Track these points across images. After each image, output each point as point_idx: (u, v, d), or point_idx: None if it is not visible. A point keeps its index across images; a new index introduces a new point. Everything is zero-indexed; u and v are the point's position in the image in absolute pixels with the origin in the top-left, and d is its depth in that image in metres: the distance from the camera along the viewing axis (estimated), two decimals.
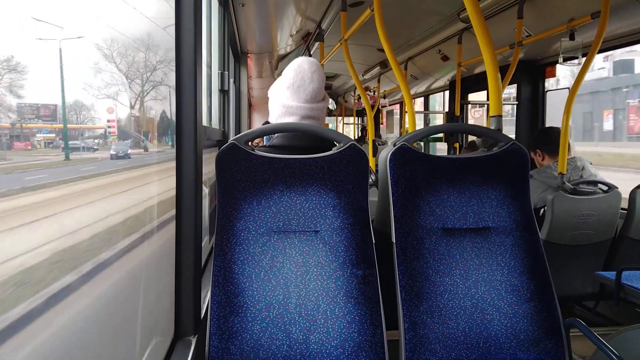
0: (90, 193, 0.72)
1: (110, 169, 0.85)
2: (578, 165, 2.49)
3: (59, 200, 0.64)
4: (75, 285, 0.65)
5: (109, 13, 0.80)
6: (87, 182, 0.72)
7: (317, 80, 1.51)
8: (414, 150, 1.31)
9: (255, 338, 1.15)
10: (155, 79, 1.04)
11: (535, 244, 1.30)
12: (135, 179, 0.95)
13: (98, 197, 0.75)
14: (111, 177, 0.83)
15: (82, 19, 0.68)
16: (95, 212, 0.74)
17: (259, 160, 1.23)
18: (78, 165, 0.71)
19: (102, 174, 0.79)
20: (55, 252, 0.60)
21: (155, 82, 1.05)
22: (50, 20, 0.56)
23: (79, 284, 0.66)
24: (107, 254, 0.77)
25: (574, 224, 2.30)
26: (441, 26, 3.73)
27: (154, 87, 1.05)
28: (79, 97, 0.70)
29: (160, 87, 1.08)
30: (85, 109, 0.72)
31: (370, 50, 5.02)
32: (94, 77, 0.73)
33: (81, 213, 0.68)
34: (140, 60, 0.95)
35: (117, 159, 0.85)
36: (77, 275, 0.65)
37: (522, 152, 1.33)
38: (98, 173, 0.77)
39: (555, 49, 3.24)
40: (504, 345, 1.23)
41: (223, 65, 2.90)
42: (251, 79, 5.90)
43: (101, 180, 0.78)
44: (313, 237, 1.23)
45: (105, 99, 0.77)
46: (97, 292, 0.73)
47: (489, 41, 1.43)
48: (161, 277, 1.08)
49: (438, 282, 1.24)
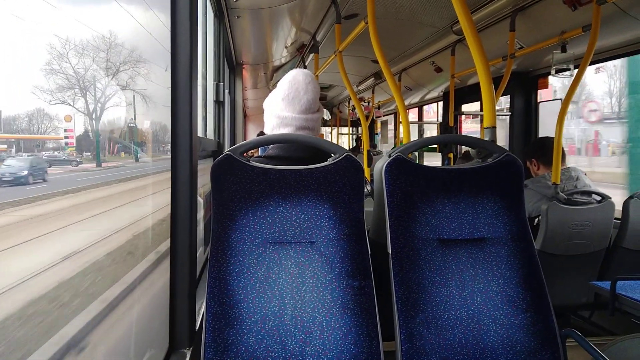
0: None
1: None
2: (572, 175, 2.51)
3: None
4: (69, 298, 0.64)
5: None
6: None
7: (312, 91, 1.52)
8: (409, 161, 1.31)
9: (250, 350, 1.14)
10: (120, 82, 0.91)
11: (531, 254, 1.31)
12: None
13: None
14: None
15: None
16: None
17: (254, 171, 1.23)
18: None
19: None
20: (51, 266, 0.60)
21: (120, 86, 0.92)
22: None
23: (73, 296, 0.65)
24: (104, 266, 0.76)
25: (568, 234, 2.31)
26: (434, 38, 3.77)
27: (119, 91, 0.91)
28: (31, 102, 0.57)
29: (126, 92, 0.95)
30: (45, 116, 0.60)
31: (364, 61, 5.05)
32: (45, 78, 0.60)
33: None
34: (101, 61, 0.82)
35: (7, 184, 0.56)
36: (72, 287, 0.65)
37: (516, 163, 1.34)
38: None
39: (547, 61, 3.28)
40: (501, 357, 1.22)
41: (218, 76, 2.91)
42: (246, 90, 5.92)
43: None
44: (309, 248, 1.22)
45: (59, 105, 0.65)
46: (91, 304, 0.72)
47: (482, 53, 1.45)
48: (156, 288, 1.08)
49: (434, 293, 1.24)
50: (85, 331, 0.70)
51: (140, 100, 1.04)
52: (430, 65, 4.39)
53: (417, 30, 3.75)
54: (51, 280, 0.61)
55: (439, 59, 4.19)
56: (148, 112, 1.09)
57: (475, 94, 4.23)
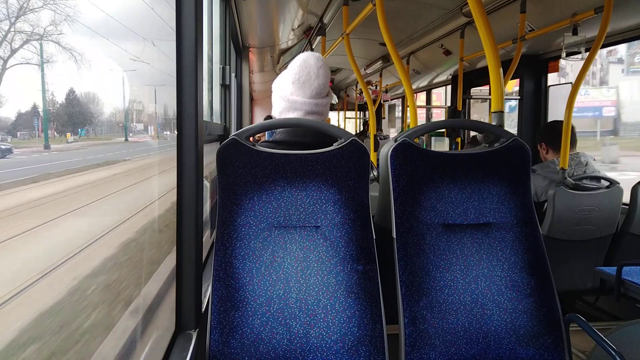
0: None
1: None
2: (582, 161, 2.48)
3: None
4: (78, 280, 0.65)
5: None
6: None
7: (323, 75, 1.50)
8: (415, 146, 1.31)
9: (255, 332, 1.15)
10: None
11: (536, 239, 1.30)
12: None
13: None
14: None
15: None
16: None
17: (260, 156, 1.23)
18: None
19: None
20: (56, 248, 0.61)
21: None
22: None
23: (82, 278, 0.66)
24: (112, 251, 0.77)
25: (575, 219, 2.30)
26: (443, 20, 3.71)
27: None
28: None
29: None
30: None
31: (372, 44, 5.00)
32: None
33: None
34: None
35: None
36: (81, 270, 0.66)
37: (524, 147, 1.33)
38: None
39: (558, 44, 3.23)
40: (504, 340, 1.23)
41: (224, 59, 2.89)
42: (253, 74, 5.89)
43: None
44: (314, 232, 1.23)
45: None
46: (99, 286, 0.73)
47: (491, 36, 1.42)
48: (163, 271, 1.09)
49: (438, 278, 1.25)
50: (95, 311, 0.71)
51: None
52: (439, 48, 4.33)
53: (425, 12, 3.69)
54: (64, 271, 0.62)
55: (448, 41, 4.13)
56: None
57: (485, 78, 4.17)
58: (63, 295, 0.62)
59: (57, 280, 0.60)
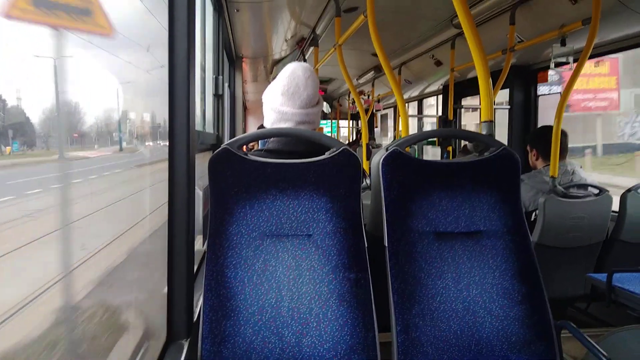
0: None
1: None
2: (568, 169, 2.51)
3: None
4: (68, 289, 0.65)
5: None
6: None
7: (312, 86, 1.52)
8: (406, 155, 1.32)
9: (247, 341, 1.15)
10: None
11: (526, 247, 1.32)
12: None
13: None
14: None
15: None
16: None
17: (252, 165, 1.23)
18: None
19: None
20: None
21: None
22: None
23: (72, 287, 0.66)
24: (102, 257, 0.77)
25: (566, 227, 2.31)
26: (434, 32, 3.76)
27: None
28: None
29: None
30: None
31: (364, 55, 5.04)
32: None
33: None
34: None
35: None
36: (71, 279, 0.66)
37: (514, 156, 1.35)
38: None
39: (547, 55, 3.28)
40: (496, 348, 1.24)
41: (217, 69, 2.91)
42: (246, 83, 5.91)
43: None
44: (306, 241, 1.23)
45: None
46: (90, 294, 0.73)
47: (480, 47, 1.45)
48: (154, 281, 1.09)
49: (430, 285, 1.25)
50: (85, 320, 0.71)
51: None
52: (430, 58, 4.38)
53: (416, 24, 3.74)
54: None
55: (439, 52, 4.18)
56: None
57: (475, 88, 4.20)
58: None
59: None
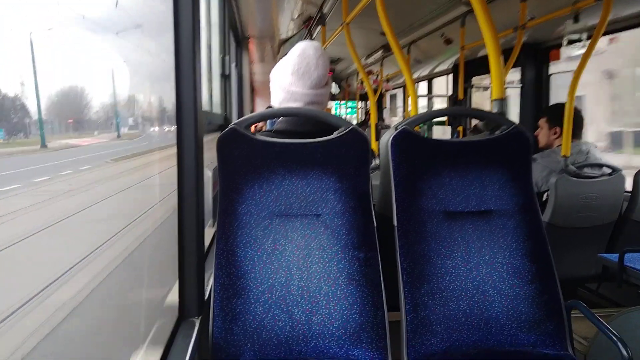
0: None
1: None
2: (583, 149, 2.47)
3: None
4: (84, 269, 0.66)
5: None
6: None
7: (322, 66, 1.50)
8: (415, 134, 1.31)
9: (258, 319, 1.16)
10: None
11: (537, 226, 1.31)
12: None
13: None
14: None
15: None
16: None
17: (260, 145, 1.23)
18: None
19: None
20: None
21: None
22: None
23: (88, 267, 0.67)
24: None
25: (578, 207, 2.30)
26: (444, 9, 3.68)
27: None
28: None
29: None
30: None
31: (372, 33, 4.96)
32: None
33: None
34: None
35: None
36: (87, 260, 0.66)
37: (525, 135, 1.33)
38: None
39: (559, 32, 3.20)
40: (505, 327, 1.24)
41: (224, 49, 2.88)
42: (253, 64, 5.86)
43: None
44: (315, 220, 1.23)
45: None
46: (105, 274, 0.74)
47: (491, 25, 1.42)
48: (166, 260, 1.10)
49: (439, 265, 1.25)
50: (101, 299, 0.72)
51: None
52: (440, 37, 4.30)
53: (425, 1, 3.67)
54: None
55: (449, 30, 4.10)
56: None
57: (486, 66, 4.14)
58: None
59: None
